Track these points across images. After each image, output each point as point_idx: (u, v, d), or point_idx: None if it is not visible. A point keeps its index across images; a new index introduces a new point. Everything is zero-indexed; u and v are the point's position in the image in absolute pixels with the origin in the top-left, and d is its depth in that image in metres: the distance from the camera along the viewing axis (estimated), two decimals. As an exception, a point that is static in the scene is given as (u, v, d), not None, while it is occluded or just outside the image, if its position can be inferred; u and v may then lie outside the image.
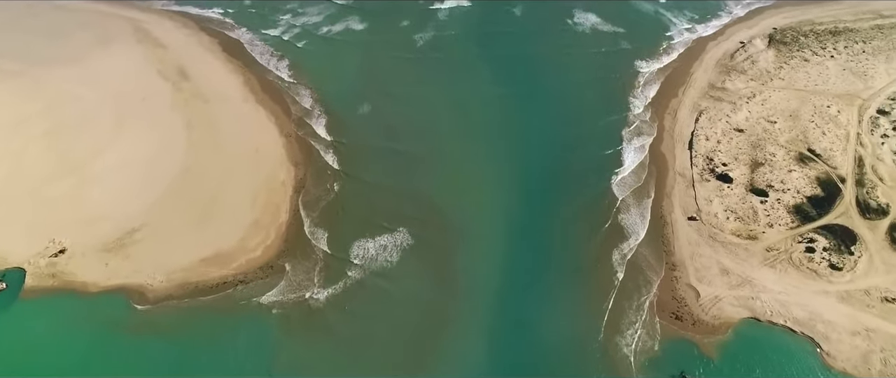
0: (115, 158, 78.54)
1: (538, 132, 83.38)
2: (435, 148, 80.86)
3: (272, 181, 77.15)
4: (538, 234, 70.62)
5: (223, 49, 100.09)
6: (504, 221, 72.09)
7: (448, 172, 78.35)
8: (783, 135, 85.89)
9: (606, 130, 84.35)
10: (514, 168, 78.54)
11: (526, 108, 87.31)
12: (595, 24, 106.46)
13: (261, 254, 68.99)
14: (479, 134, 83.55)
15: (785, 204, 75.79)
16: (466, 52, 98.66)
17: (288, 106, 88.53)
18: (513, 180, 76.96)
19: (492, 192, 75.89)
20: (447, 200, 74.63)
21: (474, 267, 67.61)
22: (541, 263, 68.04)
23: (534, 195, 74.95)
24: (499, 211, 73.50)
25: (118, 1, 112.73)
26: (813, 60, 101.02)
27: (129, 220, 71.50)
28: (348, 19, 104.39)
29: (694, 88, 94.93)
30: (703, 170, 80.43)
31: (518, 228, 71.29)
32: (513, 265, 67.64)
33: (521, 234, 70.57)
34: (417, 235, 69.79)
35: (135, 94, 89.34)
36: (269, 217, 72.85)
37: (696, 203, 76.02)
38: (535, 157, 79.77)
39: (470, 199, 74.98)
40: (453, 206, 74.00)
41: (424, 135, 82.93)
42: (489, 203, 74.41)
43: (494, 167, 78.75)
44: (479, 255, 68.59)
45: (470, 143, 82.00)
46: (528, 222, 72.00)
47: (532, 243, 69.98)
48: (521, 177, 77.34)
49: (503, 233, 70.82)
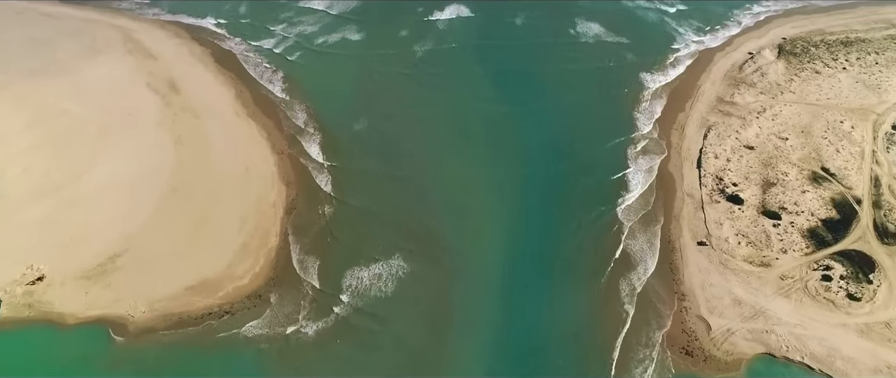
0: (100, 178, 74.24)
1: (541, 154, 78.35)
2: (432, 172, 75.55)
3: (262, 202, 72.92)
4: (541, 269, 65.62)
5: (216, 60, 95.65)
6: (505, 254, 67.09)
7: (445, 200, 72.95)
8: (795, 152, 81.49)
9: (612, 151, 79.45)
10: (516, 194, 73.50)
11: (527, 128, 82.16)
12: (598, 34, 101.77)
13: (248, 282, 64.82)
14: (478, 157, 78.30)
15: (799, 228, 71.45)
16: (466, 66, 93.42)
17: (280, 120, 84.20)
18: (514, 207, 71.96)
19: (492, 221, 70.72)
20: (444, 230, 69.50)
21: (472, 304, 62.57)
22: (544, 301, 63.01)
23: (537, 224, 69.95)
24: (499, 242, 68.40)
25: (109, 9, 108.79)
26: (824, 72, 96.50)
27: (112, 244, 67.31)
28: (345, 29, 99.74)
29: (702, 102, 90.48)
30: (713, 190, 76.07)
31: (520, 262, 66.35)
32: (514, 303, 62.65)
33: (524, 269, 65.65)
34: (412, 267, 64.89)
35: (122, 109, 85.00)
36: (259, 241, 68.66)
37: (706, 226, 71.69)
38: (537, 182, 74.69)
39: (468, 230, 69.59)
40: (450, 237, 68.81)
41: (421, 158, 77.72)
42: (489, 234, 69.18)
43: (494, 194, 73.61)
44: (477, 292, 63.52)
45: (468, 167, 76.70)
46: (531, 255, 67.06)
47: (535, 278, 64.88)
48: (524, 204, 72.32)
49: (504, 266, 65.88)
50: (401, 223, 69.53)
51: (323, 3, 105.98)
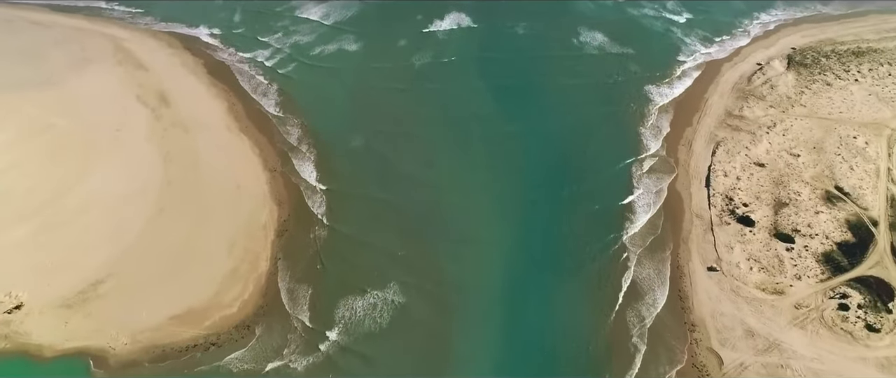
0: (84, 198, 70.50)
1: (544, 177, 73.74)
2: (429, 197, 70.88)
3: (253, 224, 69.15)
4: (546, 304, 60.98)
5: (208, 71, 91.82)
6: (506, 287, 62.52)
7: (443, 228, 68.12)
8: (807, 170, 77.53)
9: (618, 174, 74.90)
10: (518, 222, 68.79)
11: (530, 149, 77.52)
12: (602, 44, 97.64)
13: (237, 310, 61.07)
14: (478, 181, 73.53)
15: (813, 251, 67.55)
16: (466, 81, 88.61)
17: (273, 135, 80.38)
18: (516, 236, 67.23)
19: (492, 251, 65.95)
20: (442, 261, 64.80)
21: (471, 341, 58.04)
22: (549, 340, 58.63)
23: (540, 255, 65.39)
24: (500, 274, 63.77)
25: (100, 17, 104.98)
26: (836, 84, 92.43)
27: (95, 270, 63.58)
28: (341, 40, 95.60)
29: (709, 117, 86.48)
30: (723, 211, 72.16)
31: (523, 296, 61.56)
32: (517, 341, 58.24)
33: (527, 304, 60.99)
34: (407, 300, 60.51)
35: (110, 123, 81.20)
36: (248, 266, 64.91)
37: (716, 250, 67.82)
38: (541, 208, 70.07)
39: (467, 261, 64.74)
40: (448, 269, 64.03)
41: (419, 181, 73.07)
42: (489, 265, 64.45)
43: (495, 221, 68.96)
44: (476, 327, 59.07)
45: (468, 191, 72.08)
46: (535, 289, 62.43)
47: (539, 315, 60.28)
48: (527, 232, 67.60)
49: (505, 301, 61.33)
50: (396, 252, 65.05)
51: (319, 13, 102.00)
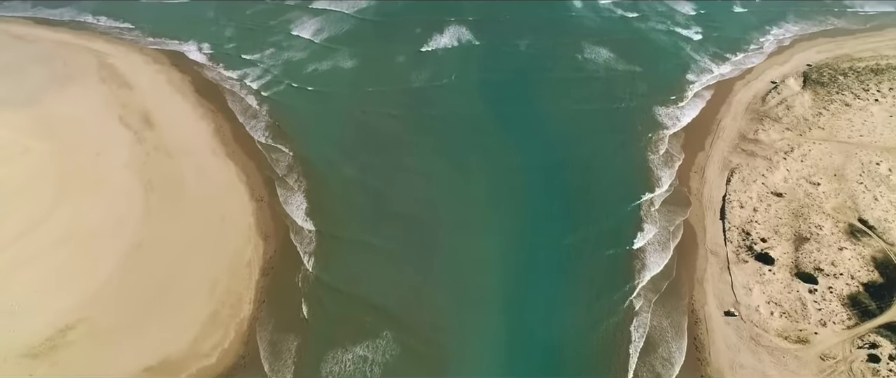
0: (56, 231, 64.87)
1: (550, 218, 66.53)
2: (425, 240, 63.61)
3: (236, 261, 63.48)
4: (553, 371, 53.59)
5: (195, 89, 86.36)
6: (509, 350, 54.81)
7: (438, 280, 60.66)
8: (829, 200, 71.72)
9: (630, 214, 67.76)
10: (522, 271, 61.33)
11: (534, 185, 70.41)
12: (609, 62, 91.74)
13: (216, 360, 55.31)
14: (478, 222, 65.97)
15: (838, 294, 61.79)
16: (465, 107, 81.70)
17: (261, 161, 74.76)
18: (521, 289, 59.72)
19: (493, 307, 58.30)
20: (437, 316, 57.46)
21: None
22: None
23: (546, 312, 57.89)
24: (502, 334, 55.87)
25: (86, 30, 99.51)
26: (855, 105, 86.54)
27: (65, 314, 57.90)
28: (336, 58, 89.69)
29: (722, 140, 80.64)
30: (739, 247, 66.39)
31: (527, 365, 53.92)
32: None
33: (532, 372, 53.59)
34: (398, 361, 53.46)
35: (90, 146, 75.66)
36: (230, 310, 59.26)
37: (733, 292, 62.05)
38: (546, 255, 62.84)
39: (465, 318, 57.15)
40: (445, 325, 56.76)
41: (414, 222, 65.84)
42: (489, 324, 56.81)
43: (497, 270, 61.48)
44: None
45: (467, 235, 64.59)
46: (542, 350, 55.03)
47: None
48: (532, 284, 60.25)
49: (507, 368, 53.52)
50: (387, 304, 57.97)
51: (313, 30, 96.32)
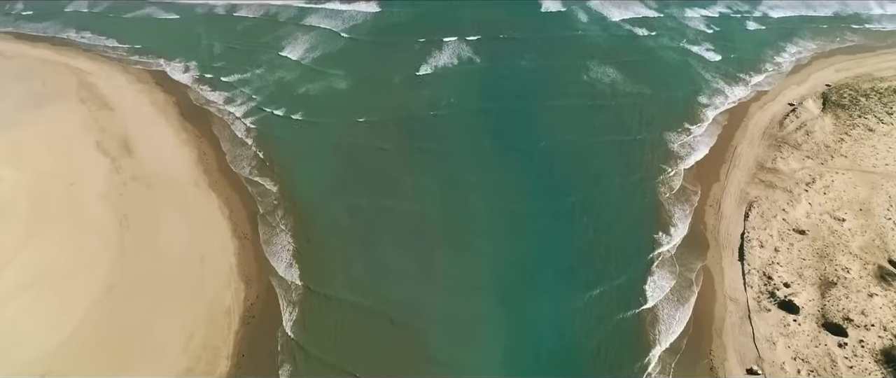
0: (23, 274, 59.26)
1: (557, 275, 58.61)
2: (416, 302, 55.63)
3: (215, 309, 57.72)
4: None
5: (180, 112, 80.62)
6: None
7: (430, 351, 52.68)
8: (855, 238, 65.60)
9: (644, 269, 60.14)
10: (527, 342, 53.49)
11: (539, 234, 62.37)
12: (617, 85, 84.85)
13: (188, 426, 50.11)
14: (476, 280, 57.85)
15: (870, 348, 55.71)
16: (463, 142, 73.81)
17: (245, 193, 68.97)
18: (526, 366, 51.94)
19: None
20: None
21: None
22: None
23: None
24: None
25: (68, 46, 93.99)
26: (879, 130, 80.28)
27: (26, 368, 52.40)
28: (328, 82, 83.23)
29: (739, 169, 74.47)
30: (761, 293, 60.36)
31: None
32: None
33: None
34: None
35: (64, 175, 70.11)
36: (205, 366, 53.47)
37: (756, 347, 56.00)
38: (555, 324, 54.72)
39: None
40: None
41: (403, 280, 57.79)
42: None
43: (498, 341, 53.26)
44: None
45: (464, 298, 56.47)
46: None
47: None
48: (539, 359, 52.41)
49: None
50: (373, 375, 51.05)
51: (304, 51, 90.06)
